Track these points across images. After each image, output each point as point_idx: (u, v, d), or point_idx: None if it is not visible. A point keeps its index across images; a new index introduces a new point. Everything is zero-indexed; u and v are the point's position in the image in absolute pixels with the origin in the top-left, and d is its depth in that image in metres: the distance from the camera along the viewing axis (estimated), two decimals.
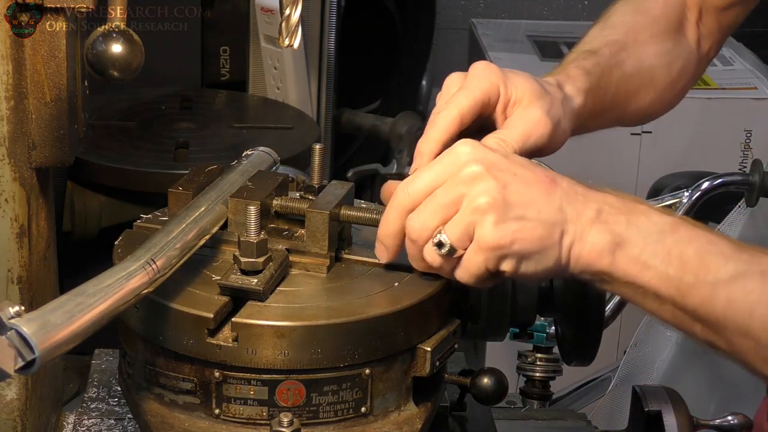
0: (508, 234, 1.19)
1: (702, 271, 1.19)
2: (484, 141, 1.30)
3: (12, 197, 1.30)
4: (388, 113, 3.18)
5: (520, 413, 1.75)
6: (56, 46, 1.26)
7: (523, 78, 1.36)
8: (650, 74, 1.54)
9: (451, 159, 1.23)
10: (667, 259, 1.19)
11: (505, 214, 1.19)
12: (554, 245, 1.20)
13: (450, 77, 1.37)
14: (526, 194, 1.20)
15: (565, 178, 1.23)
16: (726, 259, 1.19)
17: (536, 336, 1.94)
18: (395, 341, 1.22)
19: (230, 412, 1.21)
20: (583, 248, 1.21)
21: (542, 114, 1.34)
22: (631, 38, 1.52)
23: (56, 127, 1.29)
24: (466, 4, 3.72)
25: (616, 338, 2.74)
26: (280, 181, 1.34)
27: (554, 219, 1.20)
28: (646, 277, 1.20)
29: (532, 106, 1.34)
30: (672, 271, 1.19)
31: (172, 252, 1.17)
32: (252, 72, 2.84)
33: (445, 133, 1.30)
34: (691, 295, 1.19)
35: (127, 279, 1.11)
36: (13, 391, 1.34)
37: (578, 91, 1.42)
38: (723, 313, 1.18)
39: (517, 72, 1.37)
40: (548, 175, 1.22)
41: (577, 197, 1.22)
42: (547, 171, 1.23)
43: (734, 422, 1.53)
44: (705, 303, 1.18)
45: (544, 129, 1.34)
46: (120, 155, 2.38)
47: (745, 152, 2.87)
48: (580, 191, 1.22)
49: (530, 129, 1.33)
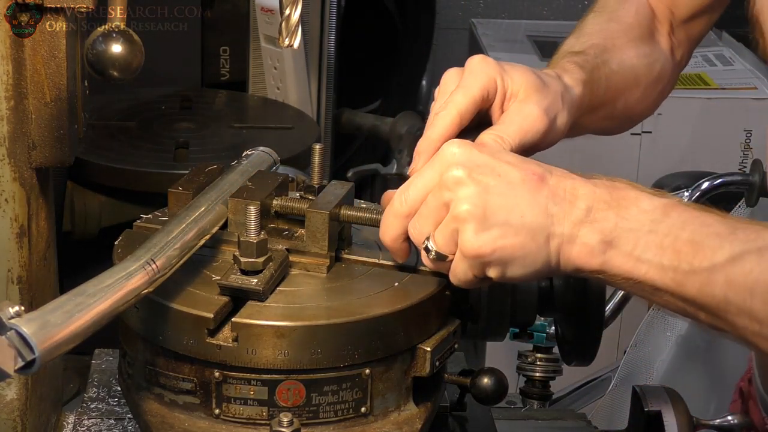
0: (488, 242, 1.19)
1: (697, 258, 1.17)
2: (481, 137, 1.30)
3: (12, 197, 1.30)
4: (388, 113, 3.18)
5: (520, 413, 1.75)
6: (56, 46, 1.26)
7: (520, 71, 1.35)
8: (634, 73, 1.54)
9: (438, 161, 1.22)
10: (660, 251, 1.18)
11: (486, 222, 1.18)
12: (540, 249, 1.20)
13: (447, 73, 1.37)
14: (509, 198, 1.19)
15: (555, 173, 1.22)
16: (721, 240, 1.17)
17: (536, 336, 1.94)
18: (395, 341, 1.22)
19: (230, 412, 1.21)
20: (572, 250, 1.20)
21: (539, 110, 1.33)
22: (609, 43, 1.52)
23: (56, 127, 1.29)
24: (466, 4, 3.72)
25: (616, 338, 2.75)
26: (280, 181, 1.34)
27: (538, 223, 1.19)
28: (642, 271, 1.19)
29: (530, 100, 1.33)
30: (667, 262, 1.18)
31: (172, 252, 1.17)
32: (252, 72, 2.84)
33: (444, 133, 1.30)
34: (688, 284, 1.18)
35: (127, 279, 1.11)
36: (13, 391, 1.34)
37: (577, 82, 1.42)
38: (723, 296, 1.16)
39: (515, 65, 1.37)
40: (536, 171, 1.21)
41: (565, 195, 1.20)
42: (535, 167, 1.21)
43: (734, 422, 1.53)
44: (704, 289, 1.17)
45: (541, 125, 1.33)
46: (120, 155, 2.38)
47: (745, 152, 2.87)
48: (569, 187, 1.21)
49: (527, 125, 1.32)
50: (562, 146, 1.41)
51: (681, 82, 3.03)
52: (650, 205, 1.20)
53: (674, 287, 1.18)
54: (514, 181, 1.20)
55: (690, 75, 3.07)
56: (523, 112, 1.33)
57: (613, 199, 1.20)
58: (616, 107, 1.53)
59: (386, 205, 1.27)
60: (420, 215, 1.22)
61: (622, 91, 1.53)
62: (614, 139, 2.69)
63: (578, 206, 1.20)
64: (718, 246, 1.17)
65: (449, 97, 1.32)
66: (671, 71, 1.62)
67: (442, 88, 1.36)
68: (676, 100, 2.93)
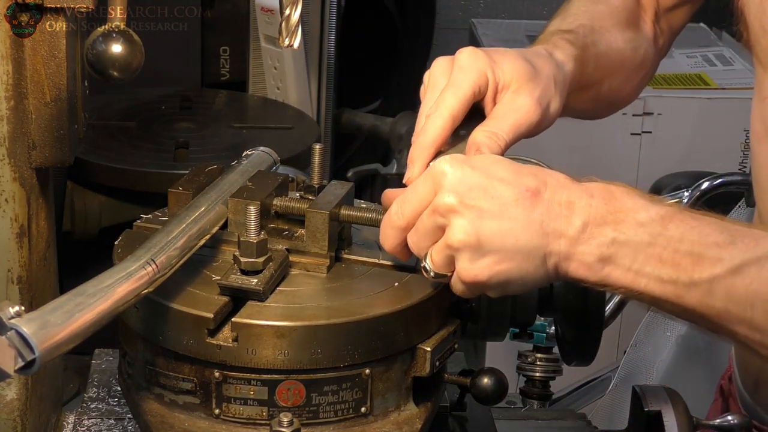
0: (484, 269, 1.18)
1: (697, 270, 1.16)
2: (474, 135, 1.29)
3: (12, 197, 1.30)
4: (388, 113, 3.18)
5: (520, 413, 1.75)
6: (56, 46, 1.26)
7: (511, 60, 1.33)
8: (620, 56, 1.53)
9: (431, 178, 1.20)
10: (659, 264, 1.17)
11: (481, 249, 1.17)
12: (537, 269, 1.18)
13: (436, 64, 1.34)
14: (503, 221, 1.17)
15: (550, 184, 1.19)
16: (720, 250, 1.17)
17: (536, 336, 1.94)
18: (395, 341, 1.22)
19: (230, 412, 1.21)
20: (569, 266, 1.19)
21: (531, 101, 1.32)
22: (597, 24, 1.51)
23: (56, 127, 1.29)
24: (466, 4, 3.72)
25: (616, 338, 2.74)
26: (280, 181, 1.34)
27: (534, 244, 1.17)
28: (641, 284, 1.18)
29: (522, 91, 1.32)
30: (666, 275, 1.17)
31: (172, 252, 1.17)
32: (252, 72, 2.84)
33: (436, 139, 1.29)
34: (688, 296, 1.17)
35: (127, 279, 1.11)
36: (13, 391, 1.34)
37: (569, 58, 1.40)
38: (723, 307, 1.16)
39: (505, 52, 1.34)
40: (530, 187, 1.18)
41: (561, 210, 1.18)
42: (530, 179, 1.19)
43: (734, 422, 1.52)
44: (704, 300, 1.17)
45: (534, 116, 1.32)
46: (120, 155, 2.38)
47: (745, 152, 2.87)
48: (564, 200, 1.18)
49: (520, 118, 1.31)
50: (562, 146, 1.41)
51: (681, 82, 3.03)
52: (647, 217, 1.18)
53: (674, 299, 1.18)
54: (507, 202, 1.17)
55: (690, 75, 3.07)
56: (516, 104, 1.31)
57: (610, 212, 1.18)
58: (602, 89, 1.52)
59: (387, 205, 1.27)
60: (417, 231, 1.21)
61: (609, 73, 1.52)
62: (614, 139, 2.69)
63: (574, 223, 1.18)
64: (717, 258, 1.16)
65: (439, 97, 1.31)
66: (653, 58, 1.61)
67: (432, 81, 1.34)
68: (676, 100, 2.94)
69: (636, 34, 1.57)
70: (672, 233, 1.17)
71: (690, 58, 3.17)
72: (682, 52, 3.17)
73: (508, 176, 1.19)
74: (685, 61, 3.14)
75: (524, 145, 1.38)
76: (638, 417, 1.48)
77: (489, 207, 1.17)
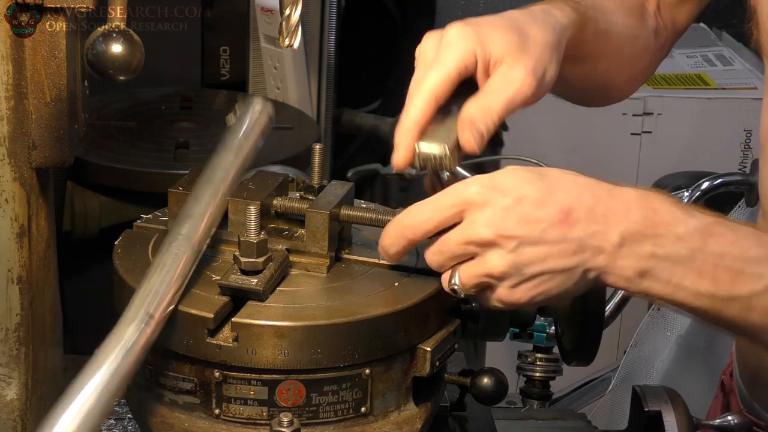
0: (525, 294, 1.18)
1: (736, 286, 1.17)
2: (467, 107, 1.26)
3: (12, 197, 1.30)
4: (388, 113, 3.18)
5: (520, 413, 1.75)
6: (56, 46, 1.26)
7: (502, 33, 1.30)
8: (619, 41, 1.51)
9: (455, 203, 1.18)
10: (698, 279, 1.17)
11: (520, 277, 1.17)
12: (577, 283, 1.19)
13: (425, 40, 1.32)
14: (541, 249, 1.16)
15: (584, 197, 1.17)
16: (759, 266, 1.17)
17: (536, 336, 1.94)
18: (395, 341, 1.22)
19: (230, 412, 1.21)
20: (608, 278, 1.19)
21: (525, 74, 1.28)
22: (599, 3, 1.48)
23: (56, 127, 1.29)
24: (466, 4, 3.72)
25: (616, 338, 2.74)
26: (280, 181, 1.34)
27: (574, 263, 1.17)
28: (680, 296, 1.18)
29: (516, 65, 1.28)
30: (704, 289, 1.17)
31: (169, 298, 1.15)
32: (252, 72, 2.84)
33: (420, 119, 1.26)
34: (726, 310, 1.18)
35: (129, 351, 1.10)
36: (13, 391, 1.34)
37: (568, 20, 1.37)
38: (760, 321, 1.18)
39: (495, 24, 1.31)
40: (564, 205, 1.16)
41: (597, 222, 1.16)
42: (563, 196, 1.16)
43: (734, 422, 1.52)
44: (741, 314, 1.18)
45: (528, 89, 1.28)
46: (120, 155, 2.38)
47: (745, 152, 2.87)
48: (601, 211, 1.17)
49: (513, 92, 1.28)
50: (562, 146, 1.41)
51: (681, 82, 3.03)
52: (686, 231, 1.18)
53: (712, 312, 1.19)
54: (544, 226, 1.16)
55: (690, 75, 3.07)
56: (509, 78, 1.28)
57: (648, 226, 1.17)
58: (598, 69, 1.50)
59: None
60: (442, 254, 1.20)
61: (607, 53, 1.50)
62: (614, 139, 2.69)
63: (612, 237, 1.17)
64: (757, 275, 1.17)
65: (423, 76, 1.28)
66: (653, 52, 1.60)
67: (422, 58, 1.31)
68: (676, 100, 2.94)
69: (638, 22, 1.55)
70: (711, 248, 1.18)
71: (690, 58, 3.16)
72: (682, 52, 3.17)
73: (540, 196, 1.17)
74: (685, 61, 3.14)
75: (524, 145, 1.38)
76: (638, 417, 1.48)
77: (526, 234, 1.16)
